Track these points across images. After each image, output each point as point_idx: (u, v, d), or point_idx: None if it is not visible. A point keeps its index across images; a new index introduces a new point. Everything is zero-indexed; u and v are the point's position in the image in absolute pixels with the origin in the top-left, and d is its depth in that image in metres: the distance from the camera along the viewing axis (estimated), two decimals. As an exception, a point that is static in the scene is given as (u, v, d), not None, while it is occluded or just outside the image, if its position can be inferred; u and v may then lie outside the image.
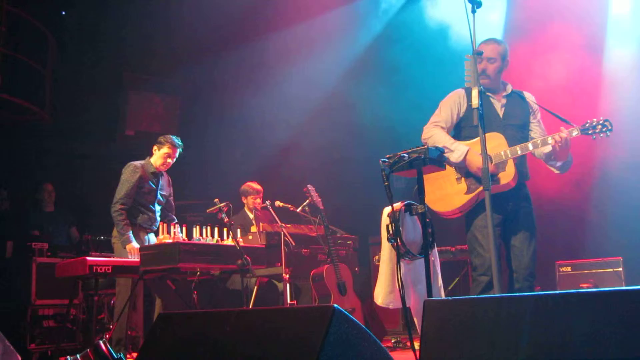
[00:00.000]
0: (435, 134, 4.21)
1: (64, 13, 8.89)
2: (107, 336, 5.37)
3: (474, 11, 3.67)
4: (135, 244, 5.33)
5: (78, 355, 2.84)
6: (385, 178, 3.29)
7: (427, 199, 4.04)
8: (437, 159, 3.36)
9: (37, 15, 8.13)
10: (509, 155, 3.99)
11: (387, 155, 3.39)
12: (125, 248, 5.33)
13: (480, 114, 3.47)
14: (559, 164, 4.18)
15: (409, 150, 3.36)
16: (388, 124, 8.01)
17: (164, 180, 5.86)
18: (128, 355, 5.16)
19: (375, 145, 7.91)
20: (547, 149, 4.07)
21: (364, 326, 2.32)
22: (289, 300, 5.60)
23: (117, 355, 2.83)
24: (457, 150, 4.08)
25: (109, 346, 4.49)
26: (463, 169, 4.13)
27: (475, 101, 3.48)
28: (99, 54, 8.67)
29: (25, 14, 7.98)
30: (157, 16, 8.35)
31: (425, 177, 4.02)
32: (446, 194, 4.16)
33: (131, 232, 5.43)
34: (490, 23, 7.32)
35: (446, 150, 4.07)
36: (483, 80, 4.16)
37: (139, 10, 8.33)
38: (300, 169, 8.31)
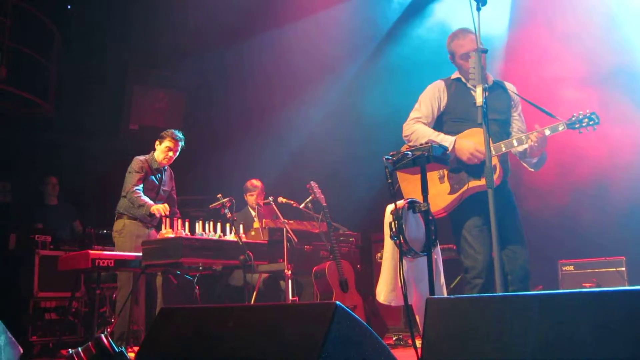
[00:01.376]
0: (417, 129, 4.12)
1: (69, 7, 8.89)
2: (109, 330, 5.39)
3: (478, 9, 3.63)
4: (154, 206, 5.38)
5: (79, 349, 2.84)
6: (389, 175, 3.28)
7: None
8: (440, 157, 3.35)
9: (42, 9, 8.14)
10: (494, 153, 3.89)
11: (391, 153, 3.38)
12: (151, 213, 5.36)
13: (484, 112, 3.44)
14: (534, 160, 4.12)
15: (413, 148, 3.35)
16: (392, 122, 7.98)
17: (166, 175, 5.87)
18: (129, 349, 5.16)
19: (379, 142, 7.89)
20: (523, 147, 4.00)
21: (365, 323, 2.32)
22: (290, 297, 5.60)
23: (118, 349, 2.83)
24: (444, 141, 3.95)
25: (110, 340, 4.50)
26: (446, 168, 4.01)
27: (479, 99, 3.45)
28: (104, 47, 8.67)
29: (31, 8, 7.98)
30: (162, 11, 8.35)
31: (408, 177, 3.97)
32: (430, 194, 4.04)
33: (147, 200, 5.48)
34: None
35: (432, 143, 4.02)
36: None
37: (144, 4, 8.33)
38: (304, 165, 8.31)
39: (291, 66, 8.61)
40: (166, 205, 5.39)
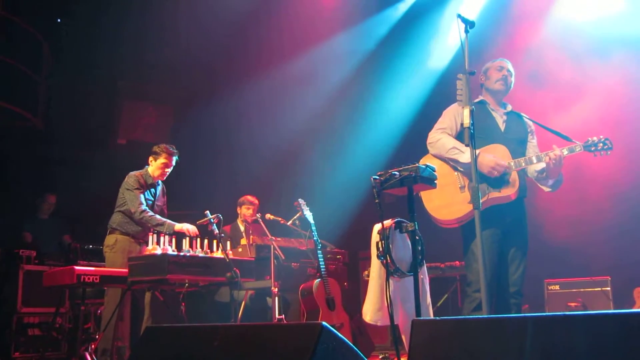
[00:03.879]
0: (442, 137, 4.30)
1: (59, 21, 8.88)
2: (93, 346, 5.33)
3: (467, 31, 3.72)
4: (179, 224, 5.33)
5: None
6: (376, 195, 3.30)
7: (430, 206, 4.15)
8: (427, 177, 3.37)
9: (32, 22, 8.12)
10: (513, 167, 4.09)
11: (379, 173, 3.40)
12: (175, 230, 5.31)
13: (472, 133, 3.50)
14: (550, 182, 4.26)
15: (400, 168, 3.36)
16: (382, 139, 8.05)
17: (159, 190, 5.86)
18: (113, 366, 5.12)
19: (367, 159, 7.93)
20: (540, 166, 4.15)
21: (351, 343, 2.32)
22: (277, 314, 5.57)
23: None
24: (468, 152, 4.06)
25: (94, 356, 4.45)
26: (469, 177, 4.16)
27: (467, 120, 3.51)
28: (93, 62, 8.65)
29: (21, 21, 7.96)
30: (152, 26, 8.36)
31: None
32: (449, 202, 4.19)
33: (165, 219, 5.44)
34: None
35: (456, 151, 4.15)
36: (502, 85, 4.37)
37: (134, 19, 8.34)
38: (292, 182, 8.31)
39: (281, 82, 8.65)
40: (194, 227, 5.34)
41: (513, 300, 4.12)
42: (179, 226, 5.33)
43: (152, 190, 5.74)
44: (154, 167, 5.69)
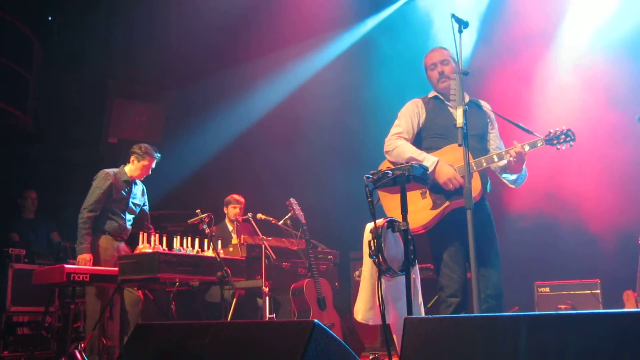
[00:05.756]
0: (400, 145, 4.11)
1: (50, 18, 8.83)
2: (82, 345, 5.29)
3: (460, 31, 3.70)
4: (88, 256, 5.27)
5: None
6: (369, 194, 3.28)
7: (392, 215, 3.99)
8: (421, 176, 3.36)
9: (23, 19, 8.07)
10: (474, 168, 3.92)
11: (371, 172, 3.38)
12: (78, 255, 5.28)
13: (465, 133, 3.47)
14: (513, 177, 4.14)
15: (393, 167, 3.36)
16: (372, 140, 8.03)
17: (137, 190, 5.83)
18: (103, 366, 5.09)
19: (359, 159, 7.93)
20: (503, 162, 4.02)
21: (343, 342, 2.32)
22: (268, 314, 5.57)
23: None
24: (427, 160, 3.95)
25: (84, 355, 4.43)
26: (426, 187, 3.99)
27: (460, 120, 3.48)
28: (84, 60, 8.61)
29: (11, 18, 7.91)
30: (143, 25, 8.34)
31: (390, 193, 3.94)
32: (412, 209, 3.82)
33: (89, 243, 5.37)
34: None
35: (414, 161, 4.03)
36: (444, 83, 4.17)
37: (126, 18, 8.31)
38: (283, 181, 8.30)
39: (271, 82, 8.66)
40: (88, 262, 5.26)
41: (494, 302, 3.96)
42: (81, 257, 5.28)
43: (127, 188, 5.71)
44: (135, 167, 5.69)
